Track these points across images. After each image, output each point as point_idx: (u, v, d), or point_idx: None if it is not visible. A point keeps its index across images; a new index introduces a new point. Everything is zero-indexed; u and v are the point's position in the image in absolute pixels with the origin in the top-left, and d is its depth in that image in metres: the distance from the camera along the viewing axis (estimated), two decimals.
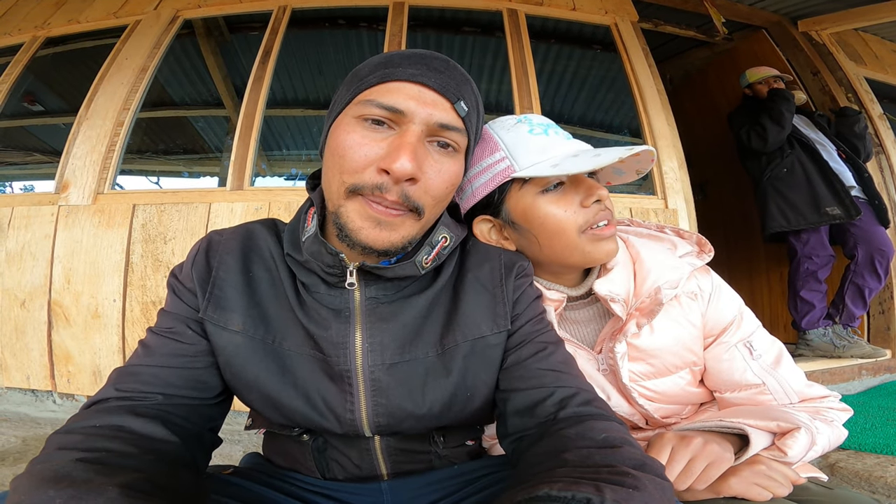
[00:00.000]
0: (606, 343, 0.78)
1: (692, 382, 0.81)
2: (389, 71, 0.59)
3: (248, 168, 2.01)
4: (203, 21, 2.51)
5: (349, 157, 0.57)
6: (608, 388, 0.79)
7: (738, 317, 0.79)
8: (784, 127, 2.48)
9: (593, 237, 0.72)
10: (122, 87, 2.20)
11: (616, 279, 0.75)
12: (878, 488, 1.28)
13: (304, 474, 0.70)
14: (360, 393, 0.61)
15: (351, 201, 0.58)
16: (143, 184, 2.29)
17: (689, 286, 0.78)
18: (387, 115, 0.57)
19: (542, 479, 0.44)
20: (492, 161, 0.74)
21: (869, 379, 2.44)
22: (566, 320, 0.83)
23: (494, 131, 0.76)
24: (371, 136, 0.58)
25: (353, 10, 2.52)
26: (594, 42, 2.69)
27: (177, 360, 0.61)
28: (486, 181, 0.74)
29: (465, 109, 0.61)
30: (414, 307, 0.65)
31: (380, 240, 0.58)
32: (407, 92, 0.58)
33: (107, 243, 1.91)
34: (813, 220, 2.40)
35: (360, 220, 0.58)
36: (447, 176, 0.61)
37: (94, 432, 0.51)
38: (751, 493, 0.61)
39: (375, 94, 0.58)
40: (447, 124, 0.59)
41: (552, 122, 0.78)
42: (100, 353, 1.87)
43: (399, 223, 0.59)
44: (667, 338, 0.77)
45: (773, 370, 0.76)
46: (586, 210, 0.71)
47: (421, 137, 0.58)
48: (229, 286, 0.64)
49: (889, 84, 3.15)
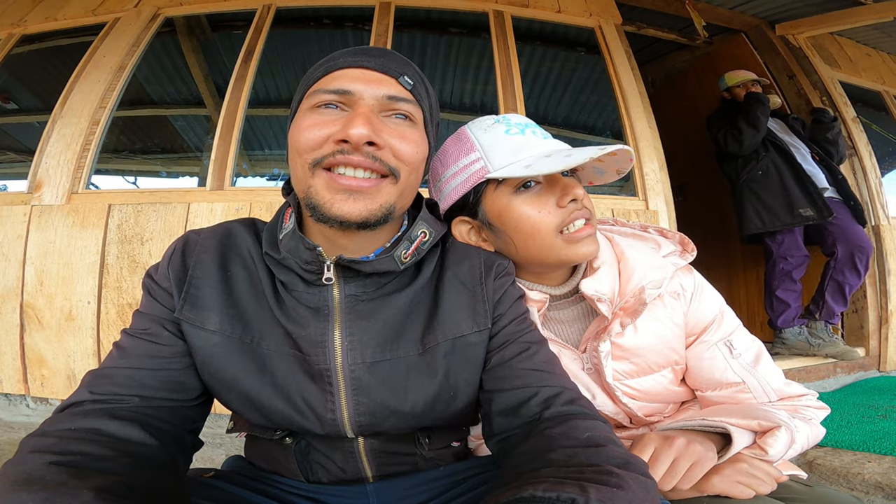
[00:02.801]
0: (591, 342, 0.79)
1: (674, 381, 0.82)
2: (332, 63, 0.62)
3: (228, 167, 1.98)
4: (185, 19, 2.47)
5: (305, 137, 0.59)
6: (593, 387, 0.80)
7: (718, 316, 0.80)
8: (759, 130, 2.53)
9: (569, 239, 0.72)
10: (99, 85, 2.15)
11: (602, 279, 0.75)
12: (855, 485, 1.30)
13: (287, 477, 0.69)
14: (340, 392, 0.61)
15: (317, 177, 0.59)
16: (119, 183, 2.24)
17: (673, 285, 0.79)
18: (335, 98, 0.60)
19: (526, 480, 0.45)
20: (467, 161, 0.74)
21: (844, 377, 2.50)
22: (550, 320, 0.83)
23: (472, 132, 0.76)
24: (324, 119, 0.59)
25: (338, 10, 2.50)
26: (578, 44, 2.71)
27: (153, 362, 0.60)
28: (461, 181, 0.75)
29: (411, 83, 0.63)
30: (394, 305, 0.64)
31: (355, 211, 0.58)
32: (351, 75, 0.60)
33: (81, 244, 1.87)
34: (787, 222, 2.45)
35: (328, 194, 0.58)
36: (410, 141, 0.62)
37: (68, 435, 0.50)
38: (733, 491, 0.61)
39: (322, 84, 0.61)
40: (395, 95, 0.61)
41: (531, 122, 0.78)
42: (74, 356, 1.82)
43: (375, 191, 0.59)
44: (650, 337, 0.77)
45: (753, 369, 0.77)
46: (562, 210, 0.71)
47: (374, 110, 0.60)
48: (206, 285, 0.63)
49: (862, 87, 3.23)
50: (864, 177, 2.85)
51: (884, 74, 3.39)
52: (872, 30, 3.21)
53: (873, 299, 2.67)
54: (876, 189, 2.83)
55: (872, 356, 2.62)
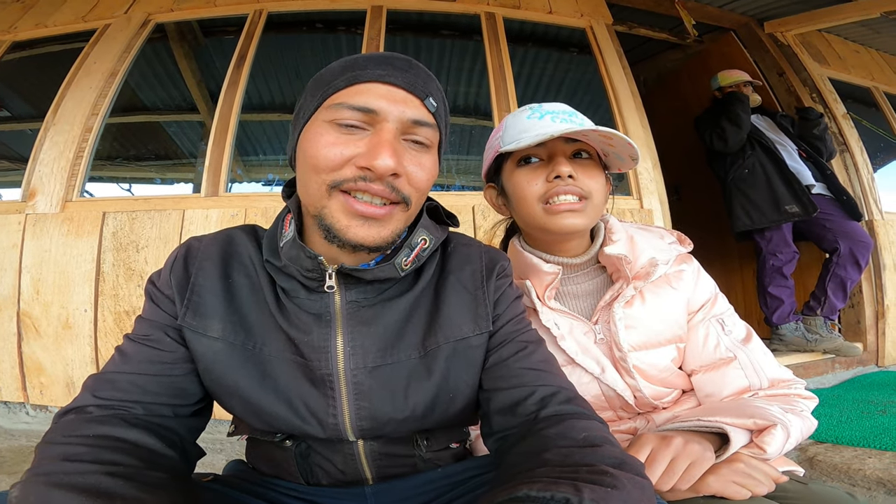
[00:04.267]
0: (603, 313, 0.85)
1: (677, 361, 0.86)
2: (356, 73, 0.58)
3: (223, 173, 1.98)
4: (176, 25, 2.46)
5: (325, 155, 0.57)
6: (603, 361, 0.83)
7: (713, 296, 0.88)
8: (741, 127, 2.56)
9: (549, 210, 0.80)
10: (91, 92, 2.15)
11: (622, 247, 0.84)
12: (857, 481, 1.30)
13: (287, 480, 0.69)
14: (342, 397, 0.61)
15: (333, 199, 0.58)
16: (114, 191, 2.23)
17: (677, 266, 0.87)
18: (359, 116, 0.57)
19: (521, 480, 0.45)
20: (495, 138, 0.87)
21: (842, 372, 2.51)
22: (564, 294, 0.88)
23: (509, 115, 0.88)
24: (345, 138, 0.57)
25: (331, 14, 2.50)
26: (570, 45, 2.72)
27: (154, 367, 0.60)
28: (490, 154, 0.88)
29: (435, 105, 0.61)
30: (395, 310, 0.64)
31: (370, 237, 0.58)
32: (377, 92, 0.58)
33: (76, 252, 1.86)
34: (774, 219, 2.48)
35: (346, 219, 0.57)
36: (427, 169, 0.61)
37: (91, 443, 0.51)
38: (729, 491, 0.61)
39: (344, 97, 0.58)
40: (419, 120, 0.59)
41: (564, 111, 0.84)
42: (72, 364, 1.82)
43: (388, 219, 0.59)
44: (657, 310, 0.84)
45: (744, 346, 0.83)
46: (548, 184, 0.80)
47: (397, 135, 0.58)
48: (208, 292, 0.63)
49: (852, 84, 3.25)
50: (856, 173, 2.86)
51: (873, 71, 3.41)
52: (860, 27, 3.23)
53: (869, 294, 2.68)
54: (868, 184, 2.85)
55: (870, 351, 2.63)
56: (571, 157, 0.82)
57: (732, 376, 0.80)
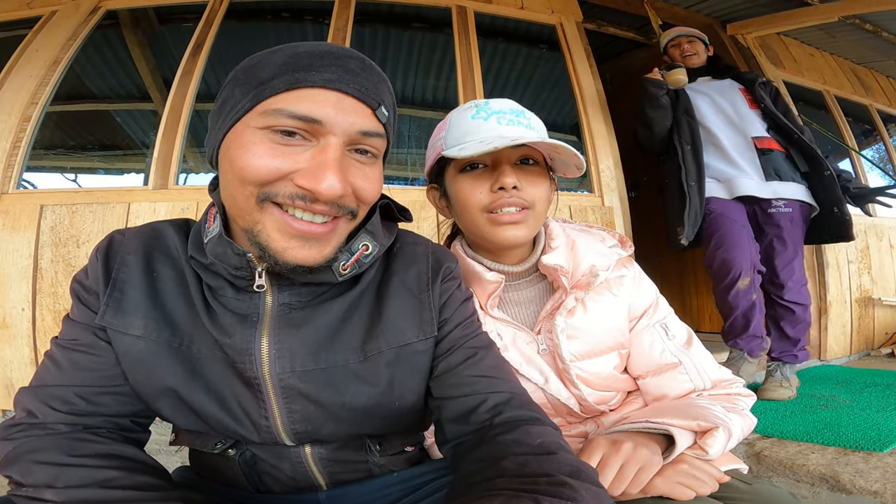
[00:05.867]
0: (545, 323, 0.83)
1: (619, 367, 0.87)
2: (299, 76, 0.51)
3: (173, 165, 1.89)
4: (130, 12, 2.35)
5: (257, 168, 0.50)
6: (546, 370, 0.83)
7: (654, 301, 0.88)
8: (650, 127, 2.08)
9: (492, 220, 0.78)
10: (31, 80, 2.03)
11: (560, 255, 0.82)
12: (801, 476, 1.31)
13: (236, 488, 0.67)
14: (271, 400, 0.59)
15: (267, 215, 0.52)
16: (59, 182, 2.12)
17: (617, 272, 0.86)
18: (300, 125, 0.51)
19: (480, 493, 0.45)
20: (438, 136, 0.83)
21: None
22: (507, 302, 0.87)
23: (454, 111, 0.83)
24: (282, 150, 0.51)
25: (297, 3, 2.45)
26: (540, 41, 2.73)
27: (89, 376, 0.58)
28: (432, 153, 0.84)
29: (386, 115, 0.56)
30: (329, 311, 0.61)
31: (311, 258, 0.53)
32: (323, 99, 0.51)
33: (13, 247, 1.76)
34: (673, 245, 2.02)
35: (283, 240, 0.52)
36: (373, 181, 0.57)
37: (78, 463, 0.51)
38: (675, 492, 0.63)
39: (284, 103, 0.50)
40: (369, 131, 0.54)
41: (511, 109, 0.80)
42: (11, 365, 1.73)
43: (331, 235, 0.55)
44: (599, 317, 0.83)
45: (686, 350, 0.84)
46: (492, 194, 0.77)
47: (343, 149, 0.53)
48: (131, 288, 0.59)
49: (805, 87, 3.34)
50: None
51: (825, 74, 3.52)
52: (817, 30, 3.33)
53: (813, 291, 2.75)
54: None
55: (813, 346, 2.71)
56: (517, 163, 0.79)
57: (678, 380, 0.82)
